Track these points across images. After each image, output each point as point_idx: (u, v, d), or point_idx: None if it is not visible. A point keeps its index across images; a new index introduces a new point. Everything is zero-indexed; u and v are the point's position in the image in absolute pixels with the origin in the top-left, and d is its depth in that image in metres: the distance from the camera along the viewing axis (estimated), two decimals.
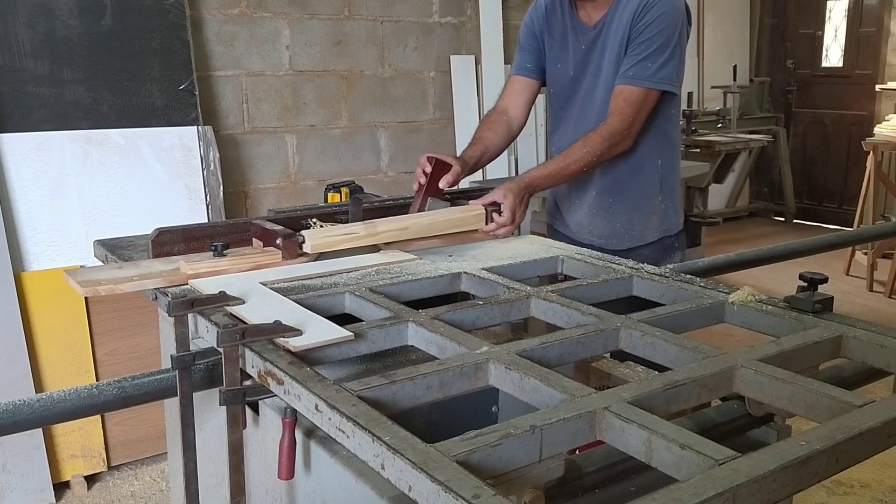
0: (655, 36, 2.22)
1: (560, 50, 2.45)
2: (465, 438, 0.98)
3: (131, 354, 3.18)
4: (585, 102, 2.41)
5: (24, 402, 1.32)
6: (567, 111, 2.47)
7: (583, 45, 2.39)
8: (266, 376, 1.26)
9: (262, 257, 1.81)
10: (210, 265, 1.74)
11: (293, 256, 1.82)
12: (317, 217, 2.05)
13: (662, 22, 2.22)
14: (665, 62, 2.23)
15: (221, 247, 1.79)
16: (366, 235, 1.90)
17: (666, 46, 2.23)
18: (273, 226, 1.89)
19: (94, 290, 1.65)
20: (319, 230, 1.91)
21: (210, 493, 1.70)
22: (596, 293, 1.68)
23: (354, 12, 4.42)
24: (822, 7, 7.80)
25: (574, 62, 2.42)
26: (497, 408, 1.46)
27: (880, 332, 1.39)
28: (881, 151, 5.68)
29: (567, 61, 2.44)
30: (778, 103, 8.03)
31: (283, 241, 1.81)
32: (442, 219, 2.02)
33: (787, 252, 2.54)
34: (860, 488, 3.08)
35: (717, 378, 1.21)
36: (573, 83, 2.43)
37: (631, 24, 2.26)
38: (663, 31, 2.22)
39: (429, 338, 1.39)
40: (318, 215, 2.06)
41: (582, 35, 2.39)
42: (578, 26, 2.39)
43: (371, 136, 4.57)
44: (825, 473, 0.99)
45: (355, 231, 1.90)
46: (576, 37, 2.40)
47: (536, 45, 2.50)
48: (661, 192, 2.42)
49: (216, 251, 1.79)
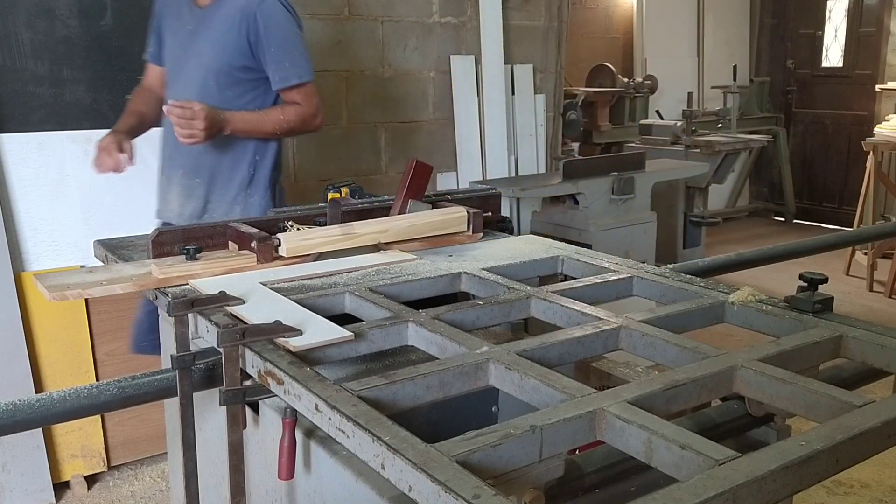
0: (286, 38, 2.48)
1: (173, 29, 2.59)
2: (465, 438, 0.98)
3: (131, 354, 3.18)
4: (187, 85, 2.52)
5: (24, 402, 1.32)
6: (171, 92, 2.57)
7: (189, 26, 2.52)
8: (266, 376, 1.25)
9: (237, 261, 1.78)
10: (182, 269, 1.72)
11: (268, 260, 1.79)
12: (293, 220, 1.99)
13: (282, 21, 2.48)
14: (303, 53, 2.52)
15: (194, 250, 1.77)
16: (343, 238, 1.88)
17: (297, 41, 2.52)
18: (248, 229, 1.86)
19: (62, 294, 1.61)
20: (296, 233, 1.88)
21: (210, 493, 1.70)
22: (596, 293, 1.68)
23: (354, 12, 4.41)
24: (822, 7, 7.80)
25: (181, 42, 2.55)
26: (497, 408, 1.46)
27: (880, 332, 1.39)
28: (881, 151, 5.68)
29: (176, 41, 2.57)
30: (778, 103, 8.03)
31: (257, 245, 1.78)
32: (422, 221, 2.01)
33: (787, 252, 2.54)
34: (860, 488, 3.08)
35: (717, 378, 1.21)
36: (178, 63, 2.56)
37: (247, 27, 2.42)
38: (286, 28, 2.49)
39: (429, 338, 1.39)
40: (296, 218, 2.01)
41: (192, 15, 2.52)
42: (190, 5, 2.53)
43: (371, 136, 4.57)
44: (825, 473, 0.99)
45: (332, 234, 1.88)
46: (187, 16, 2.54)
47: (158, 26, 2.66)
48: (250, 185, 2.59)
49: (188, 255, 1.76)
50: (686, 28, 7.49)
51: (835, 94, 7.77)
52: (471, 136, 4.82)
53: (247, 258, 1.79)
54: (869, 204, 5.67)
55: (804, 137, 8.04)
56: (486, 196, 2.32)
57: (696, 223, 5.61)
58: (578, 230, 4.29)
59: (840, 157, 7.73)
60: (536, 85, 5.12)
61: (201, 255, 1.78)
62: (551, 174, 4.79)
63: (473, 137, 4.83)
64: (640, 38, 7.20)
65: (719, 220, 6.26)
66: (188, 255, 1.76)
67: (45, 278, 1.69)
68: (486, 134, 4.85)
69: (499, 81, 4.86)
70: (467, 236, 2.06)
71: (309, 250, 1.83)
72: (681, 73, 7.36)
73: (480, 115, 4.83)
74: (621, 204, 4.38)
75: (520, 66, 5.01)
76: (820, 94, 7.91)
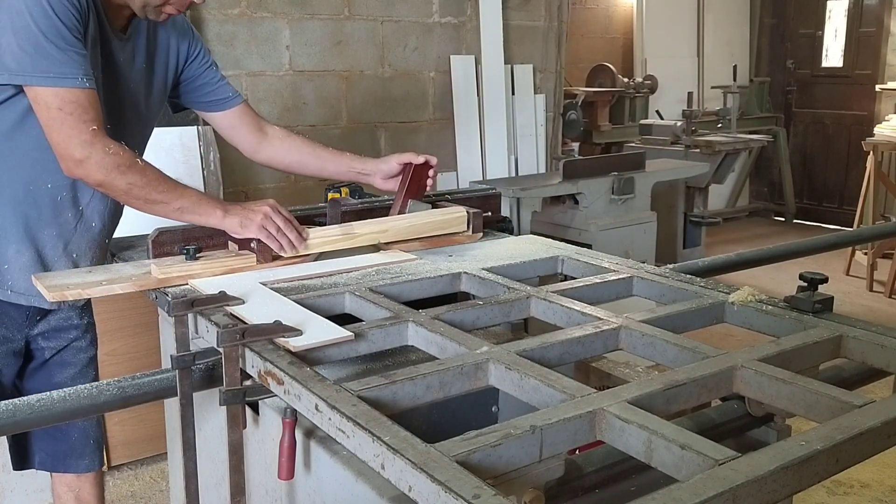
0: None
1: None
2: (465, 438, 0.98)
3: (131, 354, 3.18)
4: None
5: (24, 402, 1.32)
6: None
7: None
8: (266, 376, 1.26)
9: (237, 261, 1.77)
10: (181, 269, 1.71)
11: (268, 260, 1.78)
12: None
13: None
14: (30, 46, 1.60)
15: (194, 250, 1.75)
16: (343, 238, 1.88)
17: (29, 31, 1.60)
18: None
19: (62, 294, 1.61)
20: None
21: (210, 493, 1.70)
22: (596, 293, 1.68)
23: (354, 12, 4.42)
24: (822, 7, 7.80)
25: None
26: (497, 408, 1.46)
27: (880, 332, 1.39)
28: (881, 151, 5.68)
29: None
30: (778, 103, 8.03)
31: (257, 245, 1.77)
32: (422, 221, 2.00)
33: (787, 252, 2.54)
34: (860, 488, 3.08)
35: (717, 378, 1.21)
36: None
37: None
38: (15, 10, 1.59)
39: (429, 338, 1.39)
40: (297, 218, 1.90)
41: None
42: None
43: (371, 136, 4.57)
44: (825, 473, 0.99)
45: (331, 234, 1.87)
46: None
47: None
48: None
49: (188, 255, 1.74)
50: (686, 28, 7.48)
51: (835, 94, 7.76)
52: (471, 136, 4.82)
53: (246, 258, 1.79)
54: (869, 204, 5.66)
55: (804, 137, 8.03)
56: (486, 196, 2.32)
57: (696, 223, 5.60)
58: (578, 230, 4.29)
59: (840, 157, 7.72)
60: (536, 85, 5.12)
61: (201, 255, 1.77)
62: (551, 174, 4.79)
63: (473, 137, 4.83)
64: (640, 38, 7.20)
65: (719, 220, 6.26)
66: (188, 255, 1.75)
67: (45, 278, 1.68)
68: (486, 134, 4.85)
69: (499, 81, 4.86)
70: (467, 236, 2.06)
71: (308, 251, 1.82)
72: (681, 73, 7.36)
73: (480, 115, 4.83)
74: (621, 204, 4.38)
75: (520, 66, 5.01)
76: (820, 94, 7.91)
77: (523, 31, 5.06)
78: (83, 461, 2.02)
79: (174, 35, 1.96)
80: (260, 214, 1.76)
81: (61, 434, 1.97)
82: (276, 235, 1.76)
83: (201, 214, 1.75)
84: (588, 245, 3.85)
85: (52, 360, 1.93)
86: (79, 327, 1.95)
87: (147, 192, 1.68)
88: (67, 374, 1.93)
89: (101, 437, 2.06)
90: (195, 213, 1.75)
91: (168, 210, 1.72)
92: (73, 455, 2.00)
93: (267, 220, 1.76)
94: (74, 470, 2.02)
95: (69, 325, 1.93)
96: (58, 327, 1.91)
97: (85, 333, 1.97)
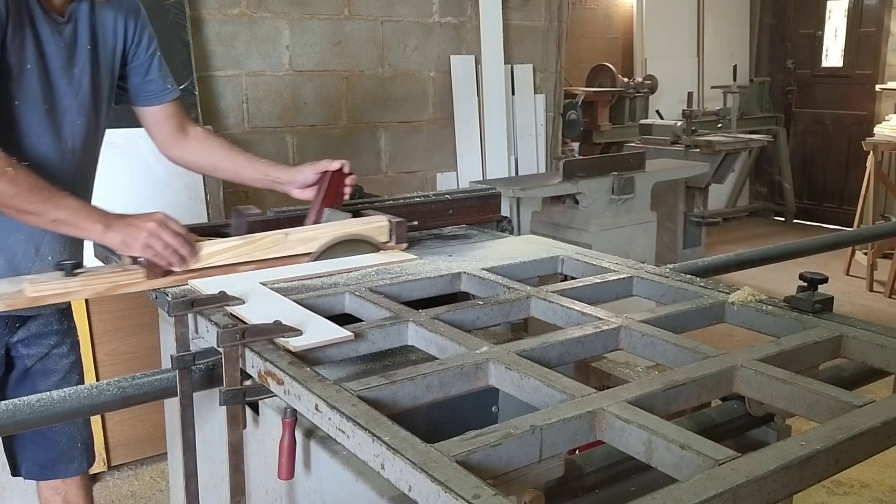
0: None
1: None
2: (465, 438, 0.98)
3: (131, 354, 3.18)
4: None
5: (24, 402, 1.32)
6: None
7: None
8: (266, 376, 1.26)
9: (123, 276, 1.65)
10: (57, 287, 1.58)
11: (158, 276, 1.65)
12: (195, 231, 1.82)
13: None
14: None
15: (71, 266, 1.61)
16: (242, 244, 1.78)
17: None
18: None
19: None
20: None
21: (210, 493, 1.70)
22: (596, 293, 1.68)
23: (354, 12, 4.42)
24: (822, 7, 7.80)
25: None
26: (497, 408, 1.46)
27: (880, 332, 1.39)
28: (881, 151, 5.68)
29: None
30: (778, 103, 8.03)
31: (146, 261, 1.65)
32: (340, 231, 1.88)
33: (787, 252, 2.54)
34: (860, 488, 3.08)
35: (717, 378, 1.21)
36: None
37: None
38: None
39: (429, 338, 1.39)
40: (199, 230, 1.86)
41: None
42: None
43: (371, 136, 4.56)
44: (825, 473, 0.99)
45: (229, 244, 1.77)
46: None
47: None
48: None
49: (66, 271, 1.61)
50: (686, 28, 7.48)
51: (835, 94, 7.76)
52: (471, 136, 4.82)
53: (134, 273, 1.66)
54: (869, 204, 5.66)
55: (804, 137, 8.03)
56: (486, 196, 2.32)
57: (696, 223, 5.60)
58: (578, 230, 4.28)
59: (840, 157, 7.72)
60: (536, 85, 5.12)
61: (81, 271, 1.64)
62: (551, 174, 4.79)
63: (473, 137, 4.83)
64: (640, 38, 7.20)
65: (719, 220, 6.26)
66: (66, 271, 1.61)
67: None
68: (486, 134, 4.85)
69: (499, 81, 4.86)
70: (389, 247, 1.92)
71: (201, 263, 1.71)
72: (681, 73, 7.36)
73: (480, 115, 4.83)
74: (621, 204, 4.38)
75: (520, 66, 5.01)
76: (820, 94, 7.91)
77: (523, 31, 5.05)
78: (72, 465, 1.99)
79: (121, 14, 1.86)
80: (144, 232, 1.63)
81: (48, 442, 1.94)
82: (163, 252, 1.65)
83: (80, 228, 1.65)
84: (588, 245, 3.85)
85: (35, 369, 1.90)
86: (59, 332, 1.92)
87: (17, 202, 1.57)
88: (51, 381, 1.90)
89: (89, 437, 2.03)
90: (73, 227, 1.64)
91: (43, 222, 1.62)
92: (62, 461, 1.98)
93: (152, 237, 1.64)
94: (63, 475, 1.99)
95: (49, 330, 1.90)
96: (38, 333, 1.88)
97: (65, 338, 1.94)
